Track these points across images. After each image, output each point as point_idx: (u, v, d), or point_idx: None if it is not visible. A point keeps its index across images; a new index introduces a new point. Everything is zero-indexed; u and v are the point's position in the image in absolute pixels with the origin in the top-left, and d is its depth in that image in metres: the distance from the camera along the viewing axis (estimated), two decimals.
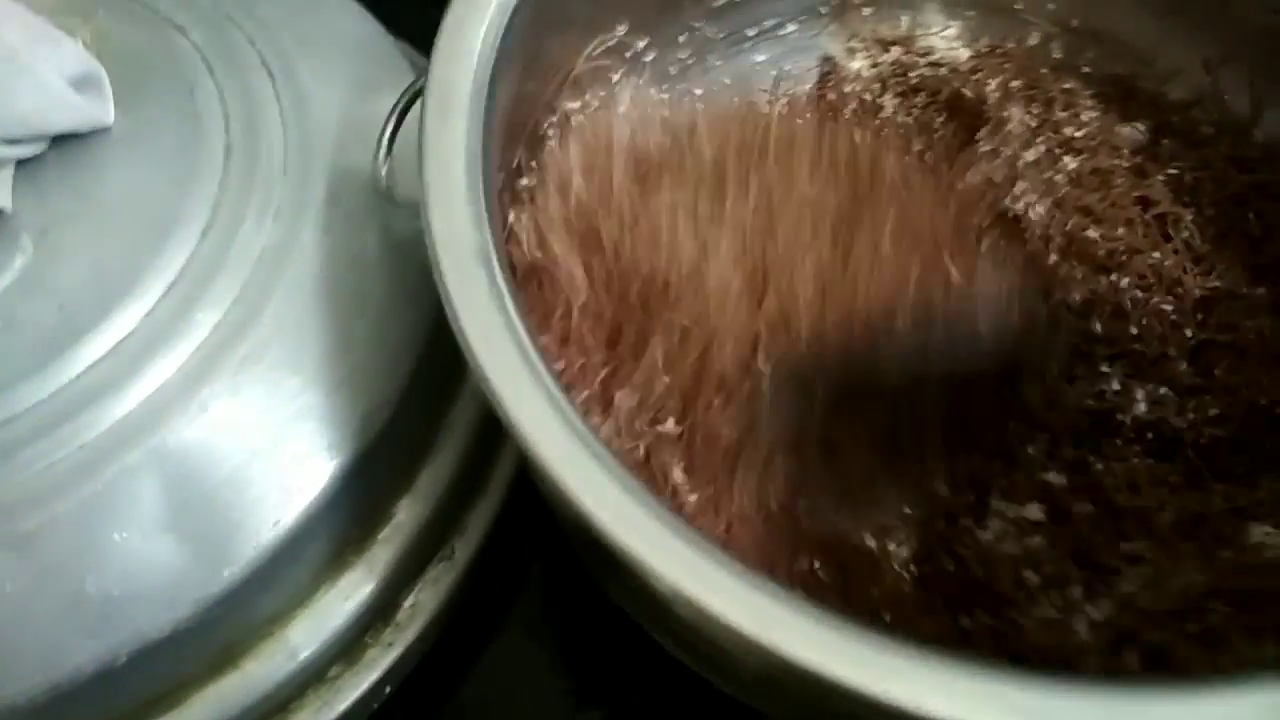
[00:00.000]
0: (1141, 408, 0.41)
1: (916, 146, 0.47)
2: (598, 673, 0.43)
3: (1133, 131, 0.48)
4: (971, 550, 0.38)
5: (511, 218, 0.39)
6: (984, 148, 0.47)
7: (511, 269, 0.35)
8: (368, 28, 0.45)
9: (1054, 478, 0.39)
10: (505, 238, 0.37)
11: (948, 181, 0.45)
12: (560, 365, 0.37)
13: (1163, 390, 0.42)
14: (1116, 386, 0.41)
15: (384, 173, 0.38)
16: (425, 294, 0.39)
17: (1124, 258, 0.44)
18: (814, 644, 0.25)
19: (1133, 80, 0.49)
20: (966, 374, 0.39)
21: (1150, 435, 0.41)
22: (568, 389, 0.30)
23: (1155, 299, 0.44)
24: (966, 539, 0.38)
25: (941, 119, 0.48)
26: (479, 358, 0.29)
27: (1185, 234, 0.45)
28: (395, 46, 0.45)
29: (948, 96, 0.49)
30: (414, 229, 0.39)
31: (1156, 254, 0.44)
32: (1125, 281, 0.44)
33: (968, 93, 0.48)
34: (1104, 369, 0.42)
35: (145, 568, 0.33)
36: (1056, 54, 0.50)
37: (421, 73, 0.45)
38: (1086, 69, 0.49)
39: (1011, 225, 0.45)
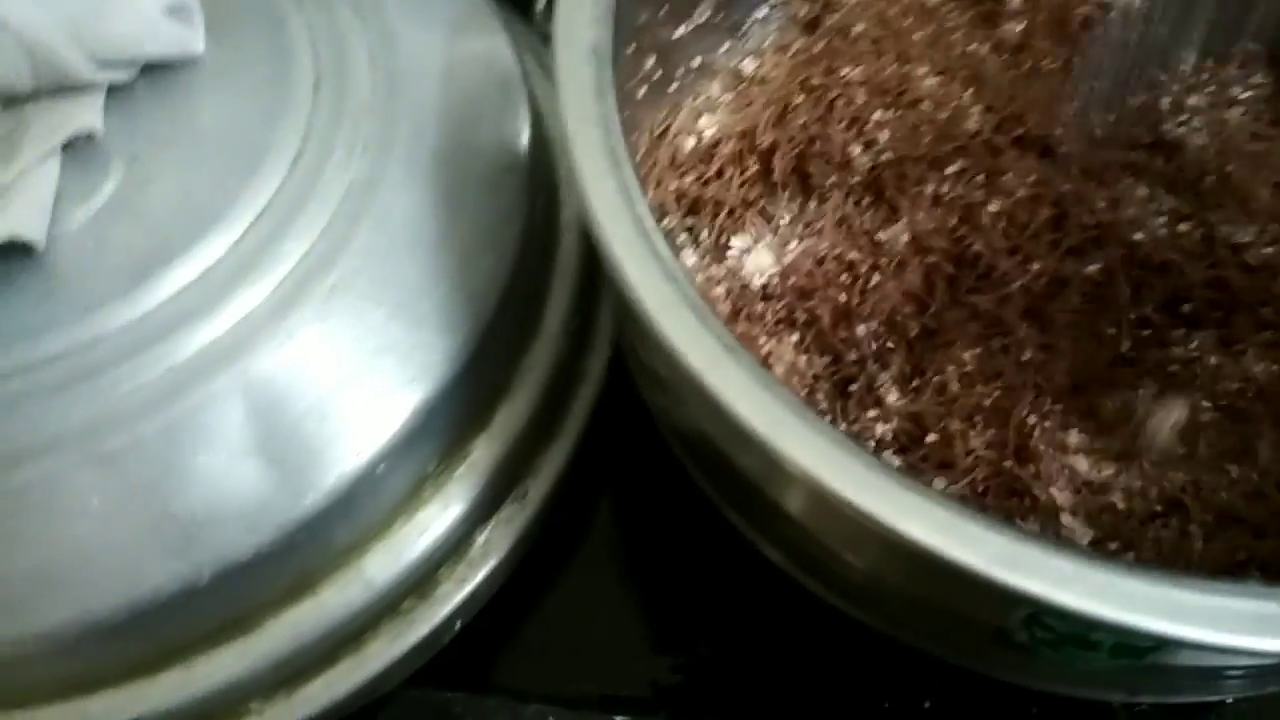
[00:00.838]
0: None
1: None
2: (660, 620, 0.43)
3: None
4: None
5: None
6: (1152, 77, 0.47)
7: None
8: None
9: None
10: None
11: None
12: None
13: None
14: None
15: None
16: (507, 236, 0.39)
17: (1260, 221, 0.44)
18: (949, 531, 0.25)
19: None
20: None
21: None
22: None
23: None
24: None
25: None
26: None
27: None
28: None
29: None
30: (495, 170, 0.40)
31: None
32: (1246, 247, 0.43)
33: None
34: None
35: (228, 491, 0.33)
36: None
37: (505, 22, 0.45)
38: (1265, 41, 0.49)
39: (1170, 148, 0.45)
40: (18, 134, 0.36)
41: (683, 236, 0.45)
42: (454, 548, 0.38)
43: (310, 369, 0.35)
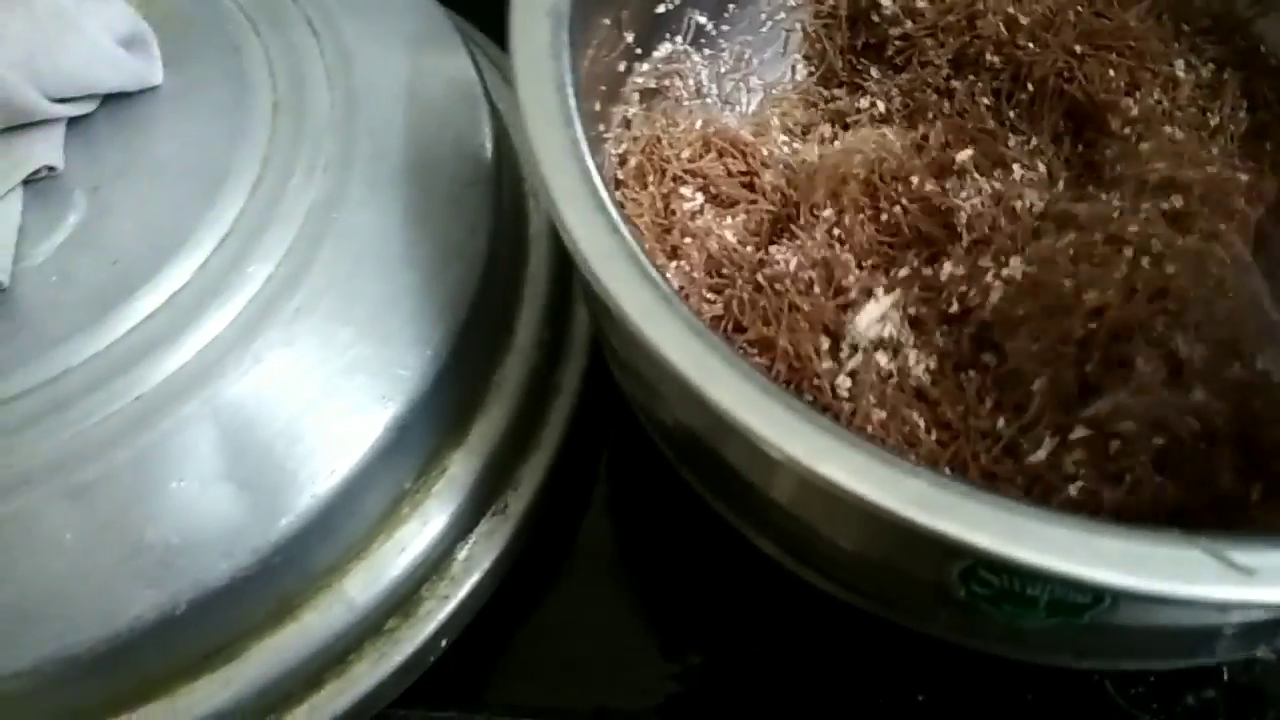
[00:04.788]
0: None
1: None
2: (652, 628, 0.43)
3: None
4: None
5: None
6: None
7: None
8: None
9: None
10: None
11: None
12: None
13: None
14: None
15: None
16: (474, 248, 0.39)
17: None
18: (868, 476, 0.25)
19: None
20: None
21: None
22: None
23: None
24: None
25: None
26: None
27: None
28: (440, 8, 0.45)
29: None
30: (459, 185, 0.40)
31: None
32: None
33: None
34: None
35: (203, 517, 0.33)
36: None
37: (466, 36, 0.45)
38: None
39: None
40: None
41: None
42: (435, 564, 0.38)
43: (279, 391, 0.34)
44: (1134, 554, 0.25)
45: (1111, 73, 0.44)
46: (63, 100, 0.37)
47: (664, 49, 0.47)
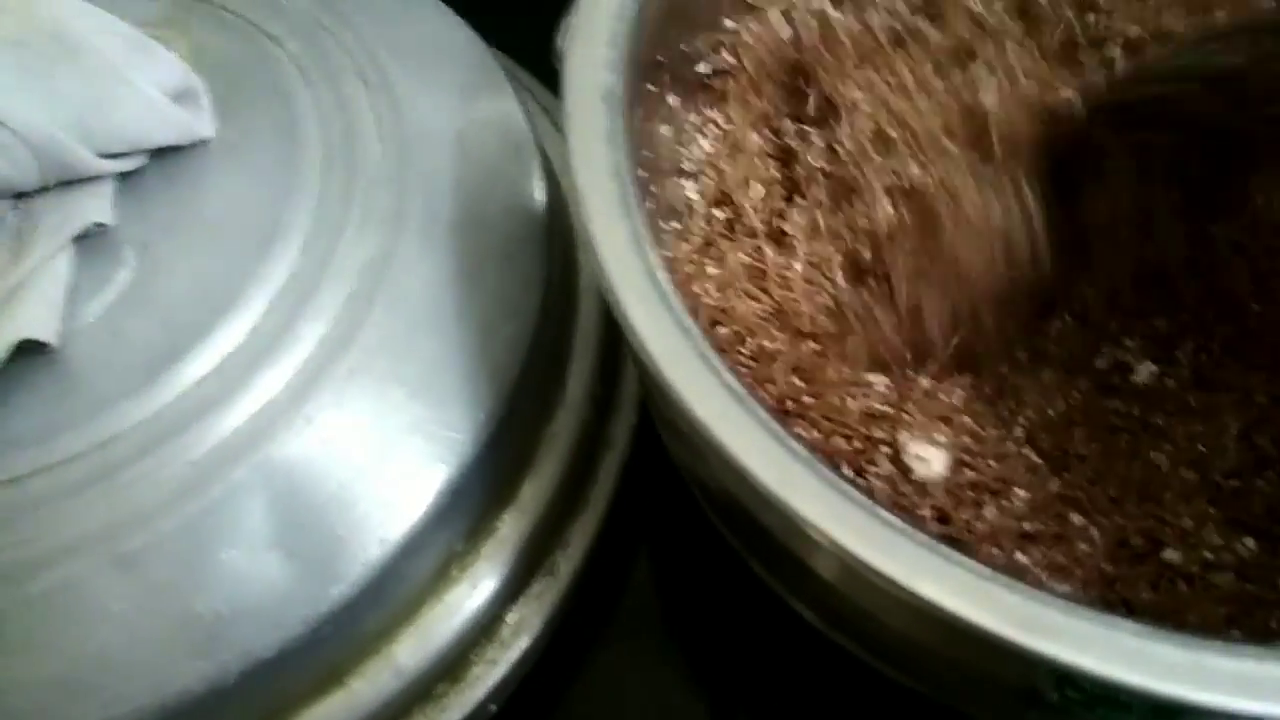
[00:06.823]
0: None
1: None
2: (699, 689, 0.42)
3: None
4: None
5: None
6: None
7: None
8: (462, 36, 0.44)
9: None
10: None
11: None
12: None
13: None
14: None
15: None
16: (527, 304, 0.38)
17: None
18: (965, 593, 0.24)
19: None
20: None
21: None
22: None
23: None
24: None
25: None
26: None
27: None
28: (490, 54, 0.44)
29: None
30: (512, 239, 0.39)
31: None
32: None
33: None
34: None
35: (253, 586, 0.32)
36: None
37: (516, 82, 0.44)
38: None
39: None
40: (27, 229, 0.35)
41: None
42: (485, 628, 0.37)
43: (332, 455, 0.34)
44: (1239, 671, 0.24)
45: None
46: (113, 156, 0.36)
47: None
